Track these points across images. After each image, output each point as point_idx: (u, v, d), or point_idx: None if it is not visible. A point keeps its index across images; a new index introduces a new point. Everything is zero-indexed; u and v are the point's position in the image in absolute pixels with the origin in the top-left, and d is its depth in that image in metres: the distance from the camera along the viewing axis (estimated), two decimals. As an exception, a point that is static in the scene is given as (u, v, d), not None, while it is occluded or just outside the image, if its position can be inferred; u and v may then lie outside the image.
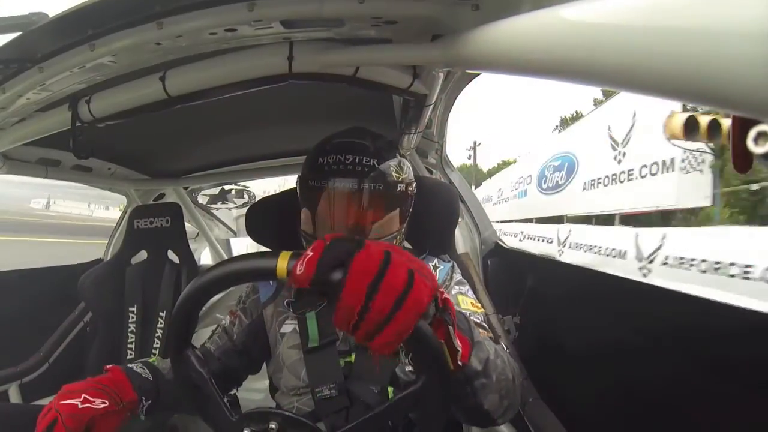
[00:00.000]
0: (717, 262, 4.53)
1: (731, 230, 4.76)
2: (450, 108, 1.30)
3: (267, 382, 0.97)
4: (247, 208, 1.14)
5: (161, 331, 1.52)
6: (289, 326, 0.90)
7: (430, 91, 0.87)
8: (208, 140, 1.56)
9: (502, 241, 1.53)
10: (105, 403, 0.69)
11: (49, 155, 1.32)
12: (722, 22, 0.26)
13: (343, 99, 1.22)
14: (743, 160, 0.32)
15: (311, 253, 0.48)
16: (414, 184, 0.92)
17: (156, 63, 0.72)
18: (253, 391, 1.80)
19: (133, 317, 1.53)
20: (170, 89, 0.75)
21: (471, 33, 0.52)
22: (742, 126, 0.30)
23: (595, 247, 6.58)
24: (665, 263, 5.18)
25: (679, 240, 5.13)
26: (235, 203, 3.33)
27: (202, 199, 2.68)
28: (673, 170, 5.69)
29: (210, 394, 0.61)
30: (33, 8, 0.66)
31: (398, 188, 0.87)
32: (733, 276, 4.33)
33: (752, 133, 0.29)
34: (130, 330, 1.52)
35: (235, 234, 3.23)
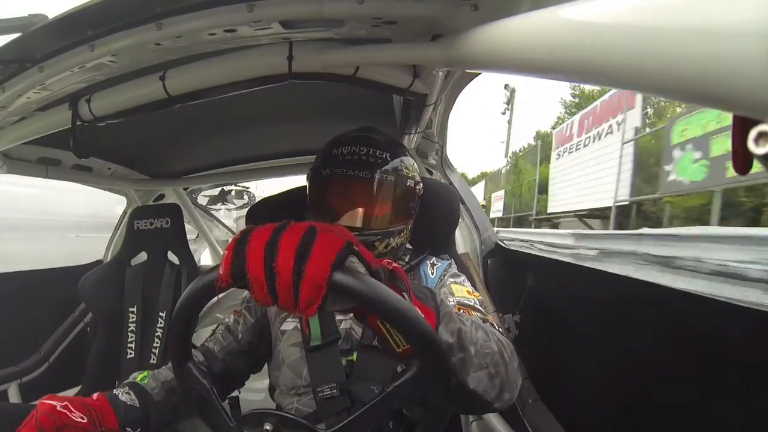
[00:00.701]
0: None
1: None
2: (450, 108, 1.30)
3: (267, 381, 0.97)
4: (247, 209, 1.14)
5: (161, 330, 1.52)
6: (290, 324, 0.90)
7: (430, 90, 0.87)
8: (208, 141, 1.56)
9: (502, 242, 1.53)
10: (83, 419, 0.68)
11: (49, 155, 1.32)
12: (722, 22, 0.26)
13: (344, 99, 1.22)
14: (743, 161, 0.32)
15: (227, 251, 0.46)
16: (421, 184, 0.94)
17: (156, 63, 0.72)
18: (253, 391, 1.79)
19: (133, 317, 1.53)
20: (170, 89, 0.75)
21: (470, 33, 0.52)
22: (742, 126, 0.30)
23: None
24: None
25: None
26: (235, 204, 3.33)
27: (202, 200, 2.69)
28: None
29: (211, 402, 0.61)
30: (33, 10, 0.65)
31: (408, 183, 0.88)
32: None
33: (753, 133, 0.28)
34: (130, 330, 1.52)
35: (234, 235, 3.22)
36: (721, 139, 5.68)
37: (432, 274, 0.93)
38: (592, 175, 9.50)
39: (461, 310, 0.74)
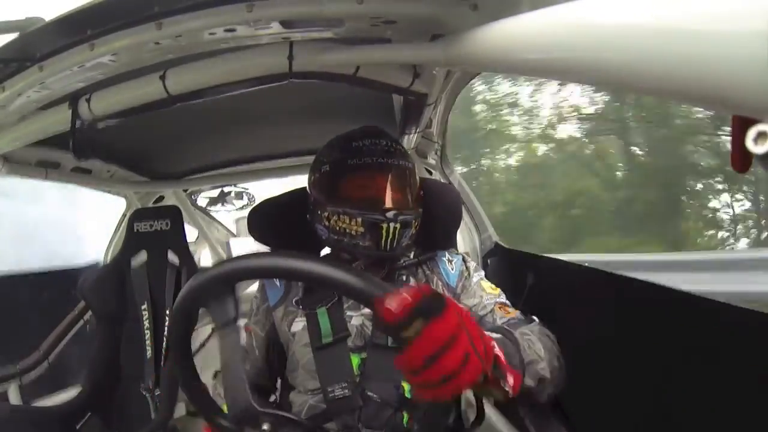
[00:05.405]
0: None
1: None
2: (450, 107, 1.30)
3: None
4: (247, 209, 1.13)
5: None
6: (299, 324, 0.89)
7: (430, 90, 0.87)
8: (208, 142, 1.56)
9: (502, 242, 1.53)
10: None
11: (48, 157, 1.32)
12: (721, 23, 0.26)
13: (343, 99, 1.22)
14: (743, 160, 0.32)
15: (410, 299, 0.48)
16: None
17: (156, 62, 0.72)
18: None
19: (147, 315, 1.51)
20: (171, 88, 0.75)
21: (470, 33, 0.52)
22: (741, 126, 0.30)
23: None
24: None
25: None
26: (234, 205, 3.32)
27: (201, 202, 2.68)
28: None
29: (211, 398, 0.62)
30: (33, 11, 0.65)
31: (416, 172, 0.93)
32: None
33: (751, 132, 0.28)
34: (146, 328, 1.50)
35: (234, 236, 3.22)
36: None
37: (452, 269, 0.96)
38: None
39: (501, 309, 0.86)
